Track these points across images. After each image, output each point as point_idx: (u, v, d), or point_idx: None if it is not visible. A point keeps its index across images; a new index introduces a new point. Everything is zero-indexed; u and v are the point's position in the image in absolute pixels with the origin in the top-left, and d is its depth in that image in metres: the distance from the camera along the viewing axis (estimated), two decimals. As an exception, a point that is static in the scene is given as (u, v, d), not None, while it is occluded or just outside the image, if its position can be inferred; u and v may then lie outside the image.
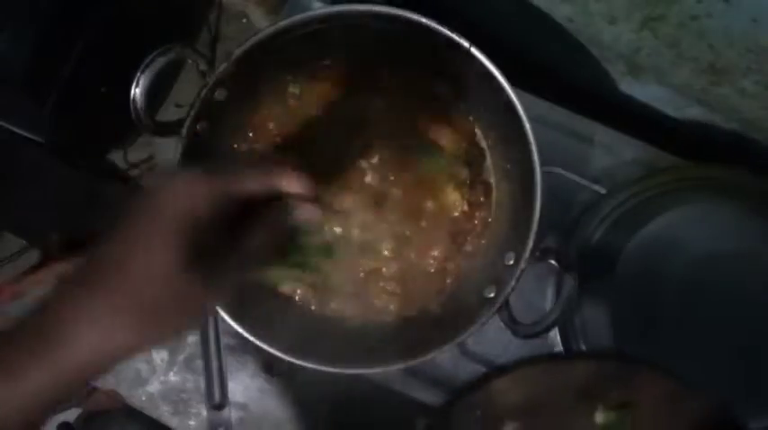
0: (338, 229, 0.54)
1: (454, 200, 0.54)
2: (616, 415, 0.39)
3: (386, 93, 0.55)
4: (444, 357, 0.58)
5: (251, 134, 0.56)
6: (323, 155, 0.55)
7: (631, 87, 0.63)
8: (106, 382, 0.67)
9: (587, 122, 0.61)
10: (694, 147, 0.61)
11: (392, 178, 0.54)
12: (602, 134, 0.61)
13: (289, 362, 0.48)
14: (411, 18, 0.48)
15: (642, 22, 0.51)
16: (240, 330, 0.48)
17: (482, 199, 0.55)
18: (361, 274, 0.54)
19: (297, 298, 0.54)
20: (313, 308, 0.55)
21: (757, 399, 0.51)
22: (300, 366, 0.49)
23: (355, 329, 0.54)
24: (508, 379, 0.41)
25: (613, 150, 0.61)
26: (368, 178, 0.54)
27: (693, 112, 0.61)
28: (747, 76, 0.51)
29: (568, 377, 0.40)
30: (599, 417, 0.39)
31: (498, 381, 0.41)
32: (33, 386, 0.31)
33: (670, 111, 0.63)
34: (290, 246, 0.54)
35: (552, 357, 0.48)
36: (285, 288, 0.54)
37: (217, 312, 0.50)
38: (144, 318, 0.33)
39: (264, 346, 0.48)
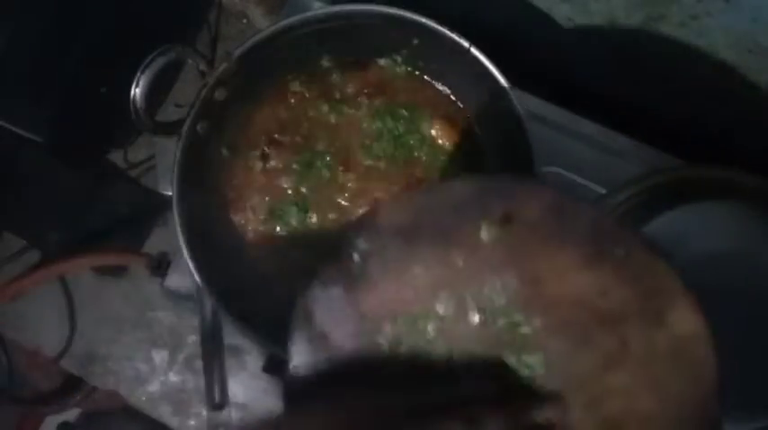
0: (339, 228, 0.54)
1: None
2: (499, 229, 0.37)
3: (386, 92, 0.55)
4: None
5: (251, 134, 0.55)
6: (323, 154, 0.55)
7: (632, 86, 0.63)
8: (106, 382, 0.67)
9: (586, 122, 0.61)
10: (695, 147, 0.61)
11: (393, 177, 0.54)
12: (603, 134, 0.61)
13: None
14: (411, 18, 0.48)
15: (642, 22, 0.51)
16: (240, 330, 0.48)
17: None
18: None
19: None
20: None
21: (757, 399, 0.51)
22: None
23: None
24: (390, 204, 0.41)
25: (614, 150, 0.61)
26: (368, 177, 0.55)
27: (693, 112, 0.61)
28: (747, 75, 0.51)
29: (449, 198, 0.39)
30: (484, 235, 0.37)
31: (381, 206, 0.41)
32: None
33: (670, 110, 0.63)
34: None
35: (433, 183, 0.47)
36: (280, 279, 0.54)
37: (217, 312, 0.50)
38: None
39: (265, 347, 0.48)
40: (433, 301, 0.38)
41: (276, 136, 0.55)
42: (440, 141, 0.55)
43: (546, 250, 0.37)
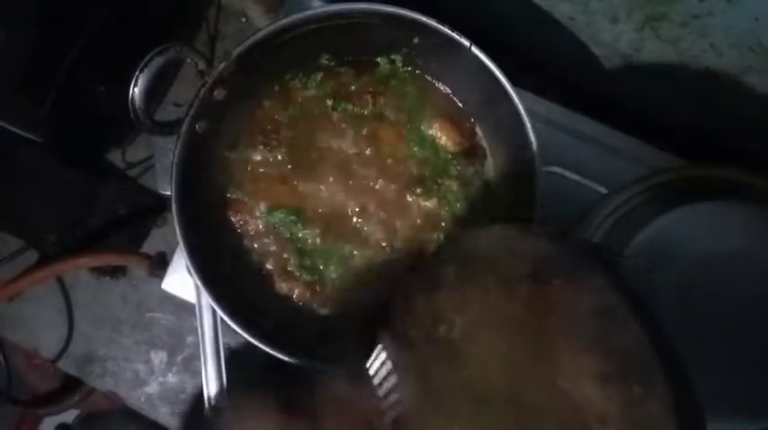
0: (338, 227, 0.54)
1: (454, 199, 0.54)
2: (540, 296, 0.37)
3: (386, 91, 0.55)
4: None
5: (251, 133, 0.55)
6: (323, 153, 0.55)
7: (632, 86, 0.63)
8: (105, 383, 0.66)
9: (588, 122, 0.61)
10: (695, 147, 0.61)
11: (393, 176, 0.54)
12: (603, 133, 0.61)
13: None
14: (410, 17, 0.47)
15: (643, 21, 0.51)
16: (239, 331, 0.48)
17: (483, 198, 0.54)
18: (361, 272, 0.54)
19: (294, 297, 0.54)
20: (312, 308, 0.54)
21: (758, 400, 0.51)
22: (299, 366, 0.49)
23: (355, 329, 0.54)
24: (471, 232, 0.44)
25: (614, 150, 0.61)
26: (368, 175, 0.54)
27: (695, 112, 0.61)
28: (749, 75, 0.51)
29: (518, 246, 0.40)
30: (522, 291, 0.37)
31: (467, 231, 0.44)
32: None
33: (671, 110, 0.63)
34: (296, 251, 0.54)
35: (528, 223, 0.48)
36: (283, 287, 0.54)
37: (217, 313, 0.50)
38: None
39: (264, 347, 0.48)
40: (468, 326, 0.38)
41: (276, 135, 0.55)
42: (440, 141, 0.54)
43: (574, 345, 0.36)
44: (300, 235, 0.54)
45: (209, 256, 0.50)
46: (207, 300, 0.51)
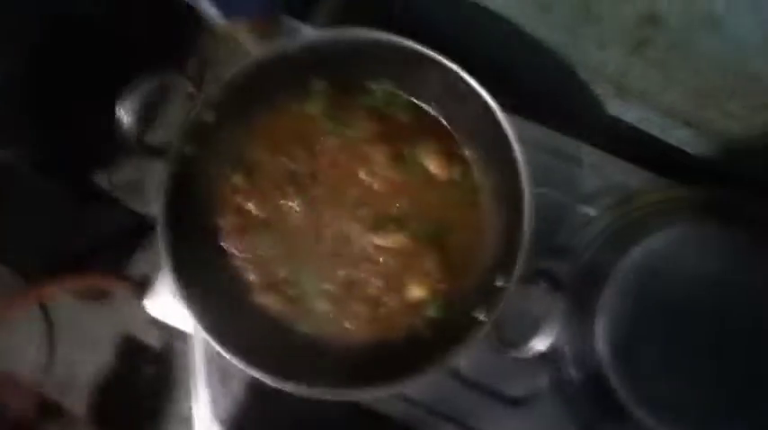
0: (324, 248, 0.54)
1: (446, 221, 0.54)
2: None
3: (377, 116, 0.55)
4: (434, 380, 0.58)
5: (241, 157, 0.55)
6: (311, 175, 0.55)
7: (619, 109, 0.64)
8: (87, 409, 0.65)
9: (576, 144, 0.61)
10: (681, 169, 0.61)
11: (383, 199, 0.54)
12: (591, 155, 0.61)
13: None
14: (401, 44, 0.48)
15: (632, 47, 0.52)
16: (223, 352, 0.47)
17: (472, 220, 0.55)
18: (347, 293, 0.54)
19: (274, 314, 0.54)
20: (297, 328, 0.54)
21: (743, 421, 0.51)
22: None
23: (340, 351, 0.54)
24: None
25: (602, 172, 0.61)
26: (358, 195, 0.54)
27: (680, 134, 0.62)
28: (732, 99, 0.52)
29: None
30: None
31: None
32: None
33: (657, 132, 0.64)
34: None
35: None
36: (263, 302, 0.54)
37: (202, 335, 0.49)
38: None
39: (247, 369, 0.47)
40: None
41: (267, 159, 0.55)
42: (431, 167, 0.54)
43: None
44: (286, 254, 0.54)
45: (195, 279, 0.49)
46: (193, 323, 0.50)
